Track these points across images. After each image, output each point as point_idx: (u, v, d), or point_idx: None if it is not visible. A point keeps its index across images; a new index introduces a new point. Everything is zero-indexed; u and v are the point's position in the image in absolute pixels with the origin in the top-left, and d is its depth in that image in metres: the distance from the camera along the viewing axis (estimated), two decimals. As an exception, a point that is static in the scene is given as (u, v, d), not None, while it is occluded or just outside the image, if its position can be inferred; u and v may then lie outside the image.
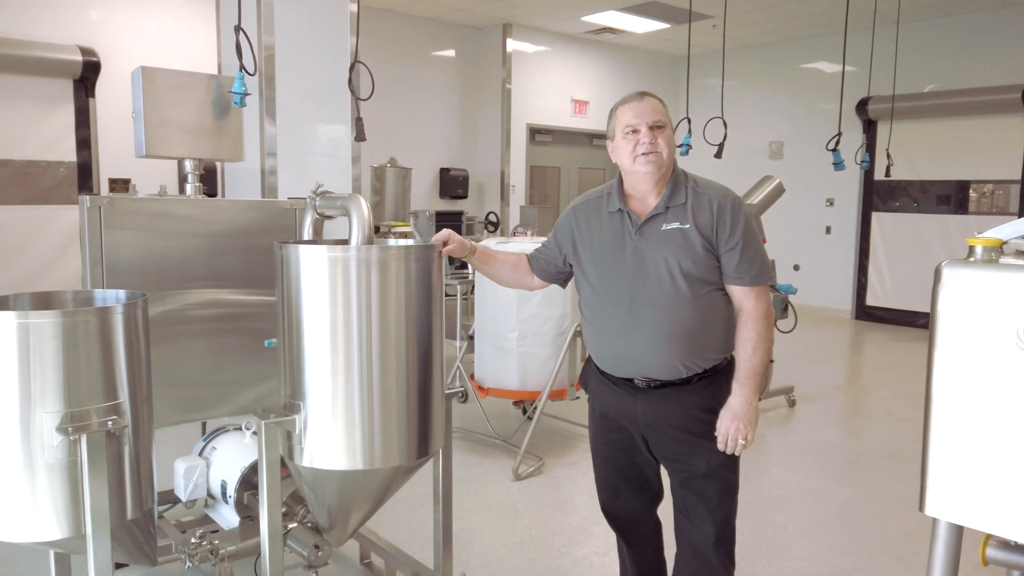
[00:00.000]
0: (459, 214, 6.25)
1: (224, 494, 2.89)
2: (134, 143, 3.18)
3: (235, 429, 3.08)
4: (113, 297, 2.38)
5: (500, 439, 4.62)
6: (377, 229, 7.25)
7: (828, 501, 3.93)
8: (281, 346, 2.29)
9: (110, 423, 2.02)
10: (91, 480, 1.97)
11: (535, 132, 10.21)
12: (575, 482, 4.12)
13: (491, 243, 4.51)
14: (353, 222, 2.34)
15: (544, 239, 4.70)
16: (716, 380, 2.21)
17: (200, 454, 3.06)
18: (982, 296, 1.57)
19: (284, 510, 2.71)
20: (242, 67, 3.18)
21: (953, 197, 9.07)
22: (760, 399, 5.68)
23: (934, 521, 1.70)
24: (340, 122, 6.05)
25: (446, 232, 2.38)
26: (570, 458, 4.47)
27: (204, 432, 3.27)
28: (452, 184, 9.26)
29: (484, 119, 9.73)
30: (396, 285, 2.23)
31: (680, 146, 5.71)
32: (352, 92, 3.65)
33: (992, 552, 1.78)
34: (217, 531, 2.67)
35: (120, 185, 7.18)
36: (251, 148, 5.96)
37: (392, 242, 2.55)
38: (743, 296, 2.16)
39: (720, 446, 2.16)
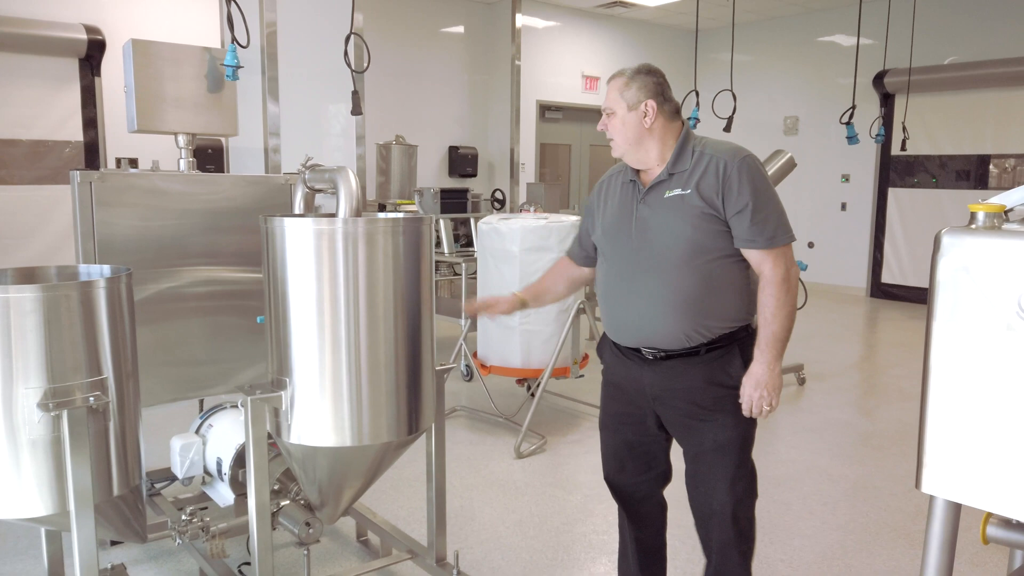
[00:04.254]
0: (464, 191, 6.17)
1: (220, 471, 2.88)
2: (126, 118, 3.14)
3: (232, 406, 3.06)
4: (97, 272, 2.35)
5: (503, 417, 4.59)
6: (383, 207, 7.20)
7: (835, 480, 3.87)
8: (268, 321, 2.26)
9: (92, 399, 2.00)
10: (73, 456, 1.95)
11: (545, 109, 10.10)
12: (577, 460, 4.08)
13: (494, 219, 4.45)
14: (340, 194, 2.30)
15: (549, 215, 4.64)
16: (728, 351, 2.14)
17: (197, 431, 3.04)
18: (984, 265, 1.50)
19: (277, 487, 2.70)
20: (234, 39, 3.13)
21: (973, 172, 8.87)
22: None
23: (931, 499, 1.64)
24: (344, 100, 5.97)
25: (483, 303, 2.43)
26: (573, 436, 4.43)
27: (202, 410, 3.26)
28: (461, 162, 9.18)
29: (494, 96, 9.62)
30: (384, 258, 2.19)
31: (688, 119, 5.61)
32: (348, 65, 3.58)
33: (993, 531, 1.73)
34: (207, 507, 2.66)
35: (126, 164, 7.16)
36: (255, 127, 5.94)
37: (381, 215, 2.50)
38: (760, 260, 2.08)
39: (745, 412, 2.12)
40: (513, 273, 4.31)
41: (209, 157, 7.07)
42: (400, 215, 2.36)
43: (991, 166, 8.74)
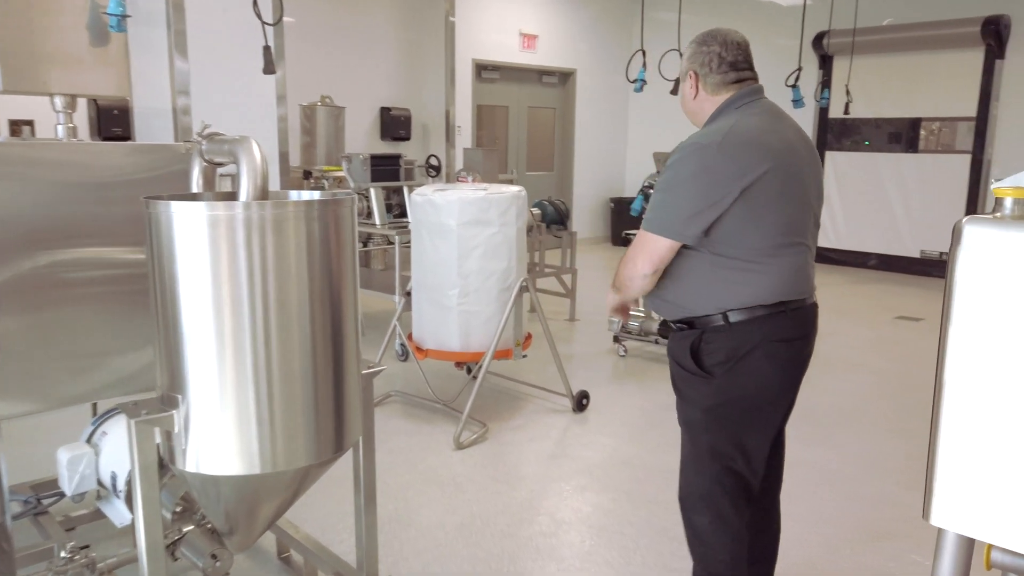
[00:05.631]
0: (396, 157, 5.75)
1: (115, 487, 2.51)
2: (-10, 76, 2.66)
3: (130, 410, 2.67)
4: (-63, 268, 1.92)
5: (441, 403, 4.28)
6: (309, 174, 6.72)
7: (790, 465, 3.70)
8: (155, 327, 1.88)
9: (-76, 432, 1.60)
10: (-98, 504, 1.57)
11: (481, 68, 9.66)
12: (521, 449, 3.82)
13: (428, 190, 4.09)
14: (242, 171, 1.92)
15: (489, 185, 4.30)
16: (691, 336, 2.07)
17: (88, 440, 2.65)
18: (1013, 261, 1.25)
19: (180, 508, 2.35)
20: (117, -17, 2.67)
21: (904, 135, 8.89)
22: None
23: (940, 531, 1.42)
24: (261, 57, 5.47)
25: None
26: (515, 421, 4.16)
27: (95, 414, 2.86)
28: (394, 125, 8.70)
29: (427, 55, 9.11)
30: (296, 249, 1.83)
31: (634, 81, 5.32)
32: (258, 15, 3.15)
33: (998, 556, 1.53)
34: (88, 546, 2.28)
35: (20, 127, 6.49)
36: (163, 85, 5.39)
37: (293, 196, 2.13)
38: None
39: None
40: (450, 249, 3.97)
41: (115, 119, 6.48)
42: (315, 196, 2.00)
43: (921, 129, 8.77)
